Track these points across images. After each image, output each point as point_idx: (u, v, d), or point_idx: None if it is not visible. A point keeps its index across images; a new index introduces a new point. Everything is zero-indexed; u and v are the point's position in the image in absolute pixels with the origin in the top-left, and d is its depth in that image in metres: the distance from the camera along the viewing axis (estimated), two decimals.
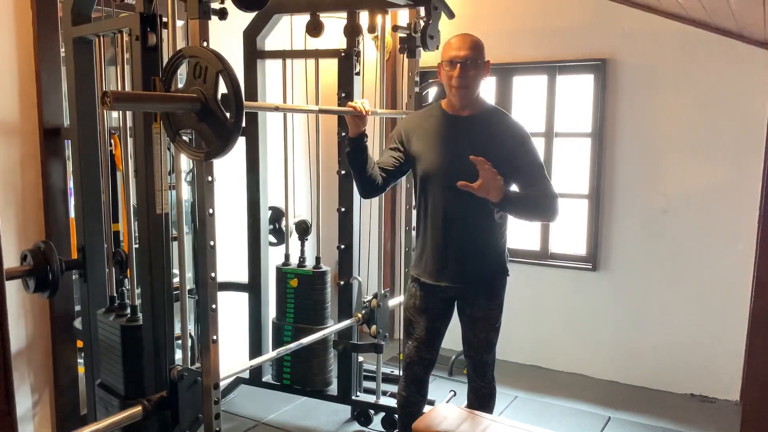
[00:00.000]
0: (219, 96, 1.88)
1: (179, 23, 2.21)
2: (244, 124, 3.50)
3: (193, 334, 3.20)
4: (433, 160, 2.60)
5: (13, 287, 2.83)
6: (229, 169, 3.60)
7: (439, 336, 2.78)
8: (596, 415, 3.70)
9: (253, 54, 3.49)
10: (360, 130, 2.54)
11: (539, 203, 2.54)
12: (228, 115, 1.87)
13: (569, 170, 4.36)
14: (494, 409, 2.85)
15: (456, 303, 2.75)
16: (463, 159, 2.44)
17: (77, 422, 3.07)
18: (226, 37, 3.55)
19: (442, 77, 2.59)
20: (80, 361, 3.16)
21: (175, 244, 2.37)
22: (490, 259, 2.65)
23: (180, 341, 2.56)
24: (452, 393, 3.69)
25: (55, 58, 2.94)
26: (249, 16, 3.47)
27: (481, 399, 2.78)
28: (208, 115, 1.89)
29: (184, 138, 2.05)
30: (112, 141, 2.86)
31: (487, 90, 4.51)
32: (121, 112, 2.53)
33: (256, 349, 3.66)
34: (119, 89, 2.51)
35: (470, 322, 2.70)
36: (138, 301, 2.53)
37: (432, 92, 3.37)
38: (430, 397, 3.49)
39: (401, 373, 2.86)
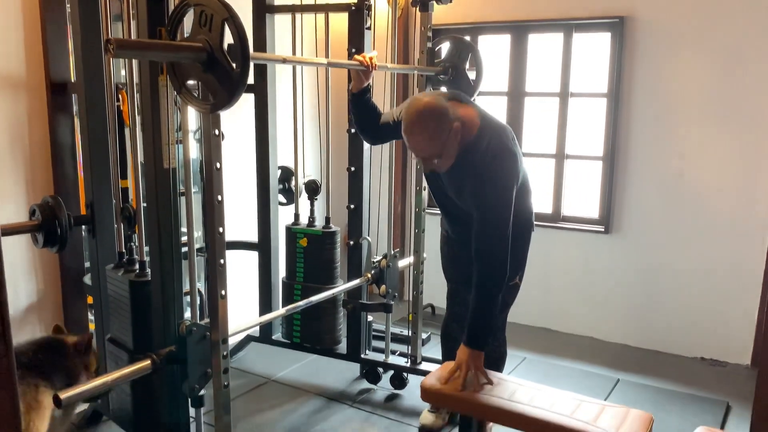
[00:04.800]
0: (225, 46, 1.84)
1: None
2: (252, 81, 3.49)
3: (202, 290, 3.20)
4: (432, 196, 2.81)
5: (22, 242, 2.84)
6: (238, 128, 3.56)
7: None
8: (605, 377, 3.69)
9: (262, 8, 3.42)
10: (362, 85, 2.51)
11: (483, 306, 2.40)
12: (234, 65, 1.83)
13: (584, 131, 4.28)
14: (503, 369, 2.85)
15: None
16: (449, 199, 2.63)
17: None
18: None
19: None
20: (91, 317, 3.18)
21: (184, 201, 2.35)
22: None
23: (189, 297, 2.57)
24: None
25: (60, 11, 2.90)
26: None
27: (491, 360, 2.77)
28: (214, 66, 1.84)
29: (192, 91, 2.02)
30: (119, 96, 2.83)
31: (502, 50, 4.41)
32: (127, 65, 2.48)
33: (266, 308, 3.67)
34: None
35: None
36: (147, 257, 2.53)
37: (444, 48, 3.29)
38: (439, 356, 3.52)
39: (446, 313, 3.07)
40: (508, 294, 2.72)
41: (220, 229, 2.12)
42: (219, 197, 2.11)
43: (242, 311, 3.76)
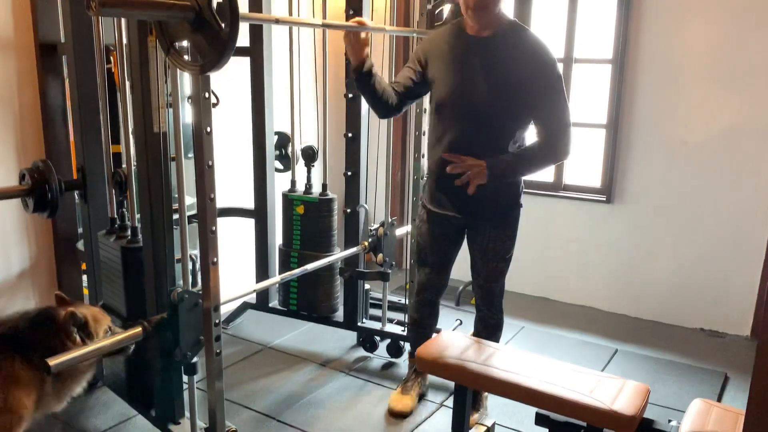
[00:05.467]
0: (214, 5, 1.77)
1: None
2: (248, 43, 3.40)
3: (195, 257, 3.17)
4: (448, 86, 2.49)
5: (13, 207, 2.80)
6: (234, 92, 3.48)
7: (450, 261, 2.79)
8: (603, 347, 3.68)
9: None
10: (361, 56, 2.39)
11: (545, 159, 2.46)
12: (223, 25, 1.76)
13: (587, 98, 4.19)
14: (500, 339, 2.83)
15: (467, 233, 2.71)
16: (475, 87, 2.41)
17: None
18: None
19: None
20: (85, 283, 3.16)
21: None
22: (501, 190, 2.55)
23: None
24: (458, 322, 3.68)
25: None
26: None
27: (488, 328, 2.78)
28: (203, 25, 1.78)
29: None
30: (110, 58, 2.76)
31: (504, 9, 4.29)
32: (116, 25, 2.41)
33: (263, 275, 3.64)
34: None
35: (480, 252, 2.66)
36: (138, 223, 2.49)
37: (446, 9, 3.19)
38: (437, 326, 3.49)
39: (413, 298, 2.92)
40: (506, 265, 2.69)
41: (211, 195, 2.07)
42: (210, 162, 2.06)
43: (239, 278, 3.74)
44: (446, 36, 2.57)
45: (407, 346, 3.40)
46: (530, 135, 2.56)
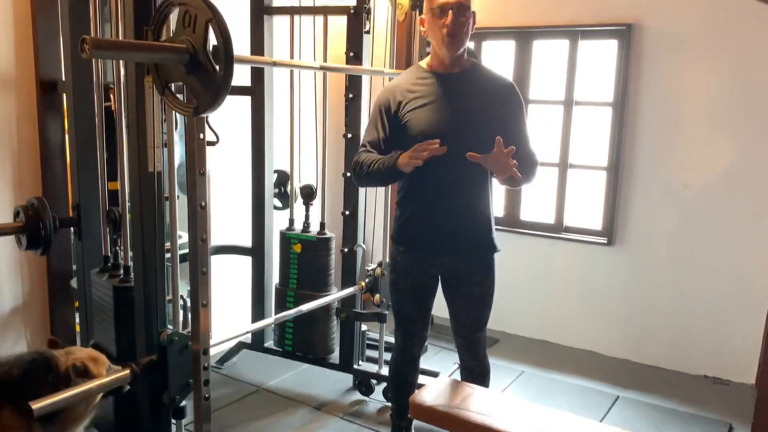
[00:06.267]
0: (210, 47, 1.77)
1: None
2: (249, 83, 3.42)
3: (187, 297, 3.14)
4: (430, 122, 2.39)
5: (7, 244, 2.78)
6: (234, 130, 3.49)
7: (430, 311, 2.63)
8: (604, 393, 3.60)
9: (260, 9, 3.36)
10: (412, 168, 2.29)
11: (528, 173, 2.46)
12: (218, 67, 1.76)
13: (588, 140, 4.19)
14: (490, 384, 2.72)
15: (447, 282, 2.55)
16: (461, 120, 2.37)
17: None
18: None
19: (429, 28, 2.38)
20: (78, 320, 3.12)
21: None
22: (487, 229, 2.49)
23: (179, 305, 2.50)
24: (457, 365, 3.60)
25: (52, 7, 2.84)
26: None
27: (477, 378, 2.62)
28: (197, 68, 1.78)
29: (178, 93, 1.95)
30: (110, 96, 2.77)
31: (506, 56, 4.33)
32: (115, 65, 2.42)
33: (258, 314, 3.60)
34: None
35: (465, 300, 2.52)
36: (131, 262, 2.46)
37: None
38: (434, 368, 3.44)
39: (395, 357, 2.70)
40: (490, 310, 2.60)
41: (203, 236, 2.05)
42: (203, 203, 2.04)
43: (235, 316, 3.70)
44: (412, 79, 2.47)
45: None
46: None
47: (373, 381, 3.43)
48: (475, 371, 2.64)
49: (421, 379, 3.27)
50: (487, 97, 2.43)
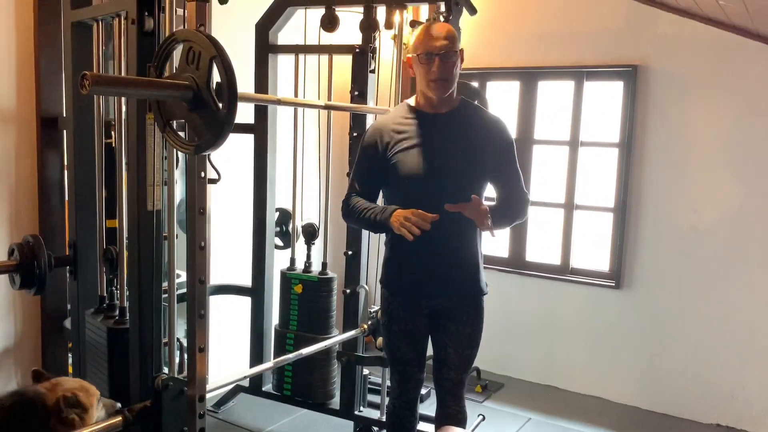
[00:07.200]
0: (213, 85, 1.73)
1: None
2: (253, 121, 3.39)
3: (182, 340, 3.05)
4: (418, 164, 2.33)
5: (0, 282, 2.71)
6: (237, 167, 3.45)
7: (425, 351, 2.55)
8: None
9: (265, 48, 3.35)
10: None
11: (515, 214, 2.42)
12: (221, 105, 1.71)
13: (594, 181, 4.15)
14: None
15: (438, 321, 2.47)
16: (448, 163, 2.33)
17: None
18: (239, 30, 3.42)
19: (417, 71, 2.35)
20: (71, 361, 3.03)
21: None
22: (475, 273, 2.44)
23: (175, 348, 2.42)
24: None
25: (55, 43, 2.83)
26: (262, 9, 3.33)
27: (459, 424, 2.48)
28: (200, 105, 1.73)
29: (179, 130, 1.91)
30: (111, 133, 2.73)
31: (511, 96, 4.32)
32: (116, 102, 2.38)
33: (257, 356, 3.50)
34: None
35: (455, 340, 2.44)
36: (127, 303, 2.39)
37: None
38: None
39: (392, 403, 2.60)
40: (477, 351, 2.51)
41: (201, 277, 1.98)
42: (202, 243, 1.98)
43: (233, 358, 3.60)
44: (399, 118, 2.42)
45: None
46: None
47: (375, 428, 3.31)
48: (457, 418, 2.49)
49: (424, 426, 3.17)
50: (475, 138, 2.38)
